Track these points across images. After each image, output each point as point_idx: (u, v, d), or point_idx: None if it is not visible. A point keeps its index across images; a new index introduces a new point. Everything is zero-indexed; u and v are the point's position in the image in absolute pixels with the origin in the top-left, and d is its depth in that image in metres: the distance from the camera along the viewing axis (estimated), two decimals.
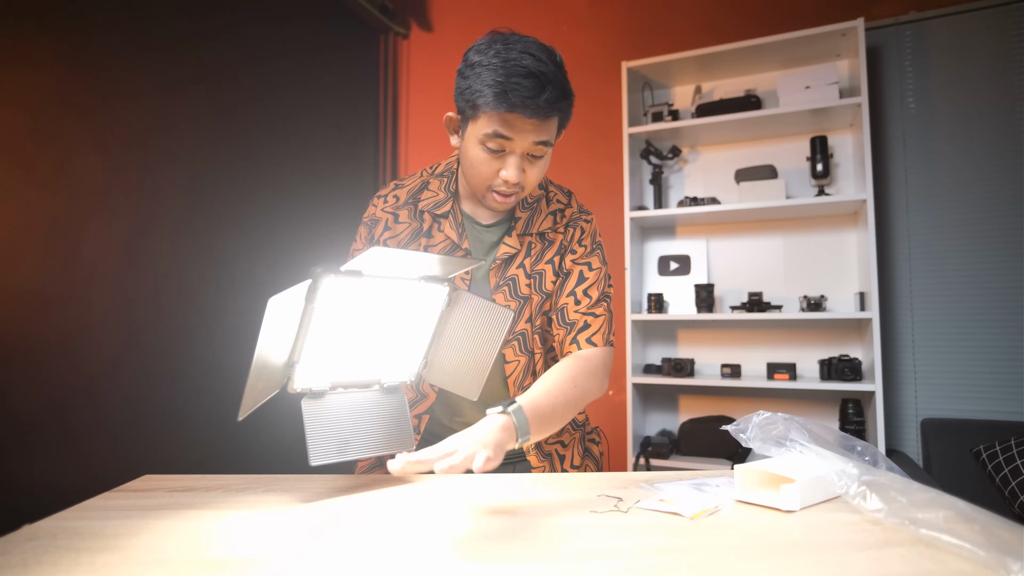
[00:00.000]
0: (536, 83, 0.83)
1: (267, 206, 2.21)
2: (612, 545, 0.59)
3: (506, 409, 0.78)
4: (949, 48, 2.25)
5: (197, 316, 1.90)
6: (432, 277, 0.82)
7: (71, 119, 1.58)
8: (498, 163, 0.90)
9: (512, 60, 0.84)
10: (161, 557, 0.57)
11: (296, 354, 0.74)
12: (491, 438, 0.72)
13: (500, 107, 0.84)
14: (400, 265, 0.77)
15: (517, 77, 0.83)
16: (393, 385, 0.87)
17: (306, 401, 0.77)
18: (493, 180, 0.92)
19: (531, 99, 0.83)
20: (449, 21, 3.08)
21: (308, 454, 0.75)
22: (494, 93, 0.83)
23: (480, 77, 0.85)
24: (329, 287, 0.71)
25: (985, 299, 2.15)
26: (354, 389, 0.83)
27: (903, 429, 2.23)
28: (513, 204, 0.95)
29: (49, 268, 1.52)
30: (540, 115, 0.85)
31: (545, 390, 0.87)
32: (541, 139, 0.88)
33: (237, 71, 2.12)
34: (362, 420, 0.82)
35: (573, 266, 1.03)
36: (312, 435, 0.76)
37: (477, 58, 0.87)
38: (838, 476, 0.69)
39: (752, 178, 2.36)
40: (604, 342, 0.99)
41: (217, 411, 1.92)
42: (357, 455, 0.80)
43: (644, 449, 2.31)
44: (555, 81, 0.85)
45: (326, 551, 0.59)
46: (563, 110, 0.89)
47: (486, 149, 0.89)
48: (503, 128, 0.86)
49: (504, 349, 1.01)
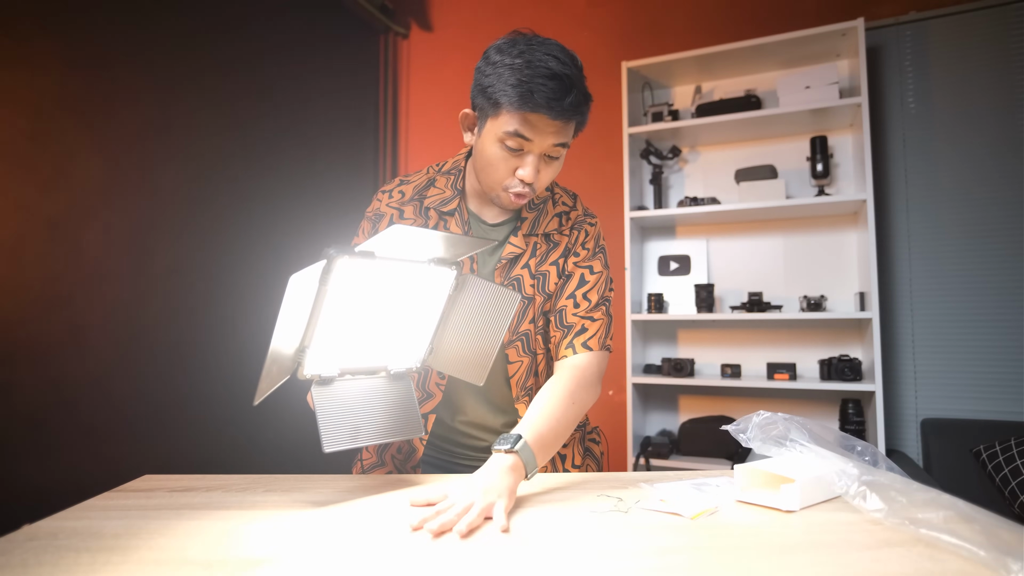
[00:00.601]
0: (561, 85, 0.84)
1: (268, 206, 2.21)
2: (612, 545, 0.59)
3: (513, 448, 0.78)
4: (949, 48, 2.25)
5: (197, 316, 1.90)
6: (441, 260, 0.83)
7: (71, 119, 1.58)
8: (516, 162, 0.90)
9: (537, 61, 0.84)
10: (161, 557, 0.57)
11: (308, 339, 0.74)
12: (502, 487, 0.72)
13: (524, 107, 0.84)
14: (414, 245, 0.77)
15: (542, 78, 0.83)
16: (399, 372, 0.87)
17: (316, 388, 0.77)
18: (508, 179, 0.92)
19: (556, 101, 0.83)
20: (449, 21, 3.08)
21: (321, 442, 0.74)
22: (519, 93, 0.83)
23: (502, 76, 0.85)
24: (342, 269, 0.71)
25: (985, 299, 2.15)
26: (361, 376, 0.83)
27: (903, 429, 2.23)
28: (524, 203, 0.96)
29: (49, 268, 1.52)
30: (564, 117, 0.85)
31: (546, 415, 0.86)
32: (560, 141, 0.89)
33: (237, 71, 2.12)
34: (371, 407, 0.82)
35: (575, 269, 1.03)
36: (324, 423, 0.75)
37: (499, 56, 0.87)
38: (838, 476, 0.69)
39: (752, 178, 2.36)
40: (600, 347, 0.99)
41: (218, 411, 1.92)
42: (369, 441, 0.80)
43: (644, 449, 2.31)
44: (579, 85, 0.86)
45: (326, 551, 0.59)
46: (583, 114, 0.89)
47: (504, 147, 0.89)
48: (524, 128, 0.86)
49: (507, 350, 1.01)
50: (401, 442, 1.06)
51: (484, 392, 1.03)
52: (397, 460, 1.07)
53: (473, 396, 1.03)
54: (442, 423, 1.06)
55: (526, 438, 0.80)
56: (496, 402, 1.04)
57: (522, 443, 0.78)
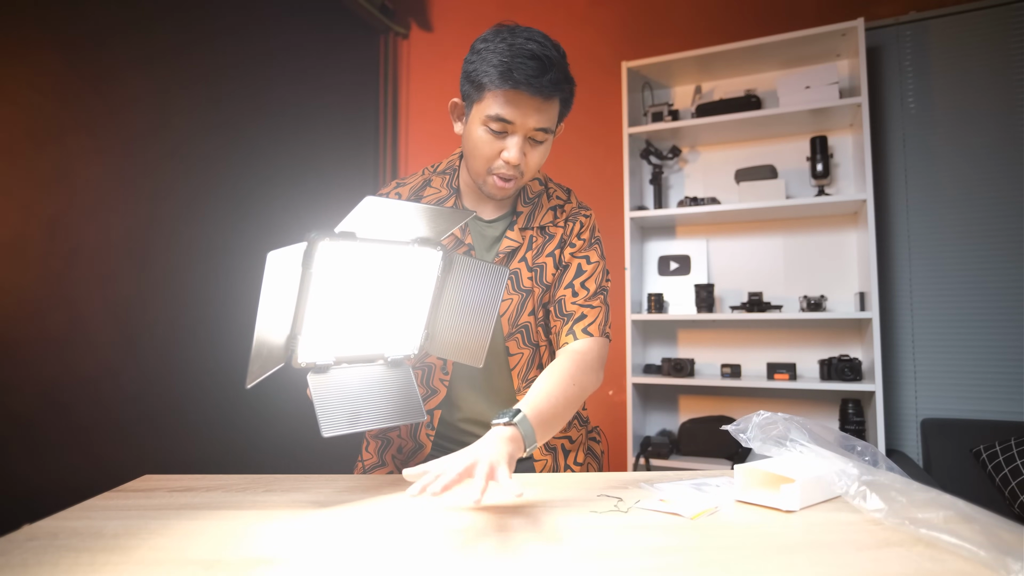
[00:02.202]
0: (540, 64, 0.86)
1: (267, 206, 2.21)
2: (612, 545, 0.59)
3: (512, 420, 0.78)
4: (949, 48, 2.25)
5: (197, 316, 1.90)
6: (425, 239, 0.82)
7: (71, 119, 1.58)
8: (500, 144, 0.91)
9: (518, 44, 0.87)
10: (161, 557, 0.57)
11: (298, 326, 0.74)
12: (501, 451, 0.72)
13: (505, 84, 0.86)
14: (393, 220, 0.76)
15: (522, 58, 0.86)
16: (398, 359, 0.86)
17: (312, 375, 0.77)
18: (494, 162, 0.93)
19: (535, 78, 0.86)
20: (449, 21, 3.08)
21: (320, 427, 0.73)
22: (499, 72, 0.86)
23: (485, 59, 0.88)
24: (325, 251, 0.71)
25: (985, 299, 2.15)
26: (359, 364, 0.83)
27: (903, 429, 2.23)
28: (512, 191, 0.96)
29: (49, 268, 1.52)
30: (543, 94, 0.87)
31: (546, 392, 0.87)
32: (542, 125, 0.90)
33: (237, 71, 2.12)
34: (370, 392, 0.81)
35: (572, 259, 1.04)
36: (321, 407, 0.75)
37: (483, 45, 0.90)
38: (838, 476, 0.69)
39: (752, 178, 2.36)
40: (600, 333, 1.00)
41: (217, 411, 1.92)
42: (369, 426, 0.79)
43: (644, 449, 2.31)
44: (558, 65, 0.88)
45: (326, 551, 0.59)
46: (564, 92, 0.91)
47: (489, 130, 0.90)
48: (507, 108, 0.88)
49: (508, 342, 1.02)
50: (402, 442, 1.06)
51: (486, 386, 1.03)
52: (398, 460, 1.07)
53: (475, 391, 1.04)
54: (444, 421, 1.06)
55: (525, 412, 0.80)
56: (498, 396, 1.04)
57: (521, 416, 0.79)
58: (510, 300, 1.01)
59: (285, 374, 0.81)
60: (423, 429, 1.03)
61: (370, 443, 1.10)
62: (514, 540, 0.61)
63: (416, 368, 1.02)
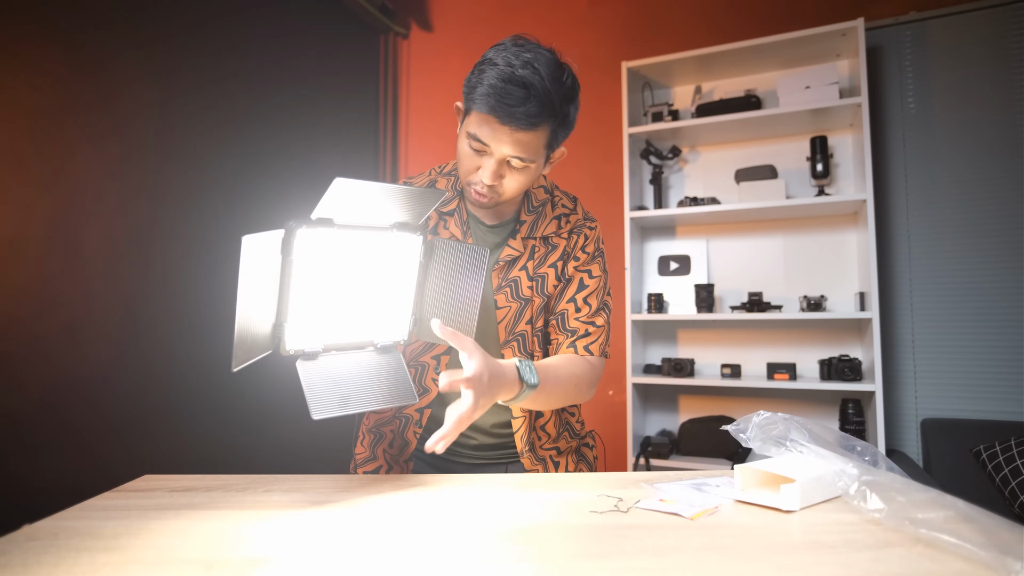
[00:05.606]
0: (524, 95, 0.83)
1: (267, 206, 2.21)
2: (612, 545, 0.59)
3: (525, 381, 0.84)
4: (949, 48, 2.25)
5: (197, 316, 1.90)
6: (404, 224, 0.82)
7: (71, 119, 1.58)
8: (479, 161, 0.91)
9: (514, 67, 0.84)
10: (161, 557, 0.57)
11: (283, 314, 0.73)
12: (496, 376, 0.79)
13: (482, 107, 0.85)
14: (369, 204, 0.76)
15: (510, 84, 0.83)
16: (387, 345, 0.86)
17: (301, 362, 0.76)
18: (472, 176, 0.92)
19: (510, 107, 0.83)
20: (449, 21, 3.08)
21: (309, 410, 0.73)
22: (480, 94, 0.85)
23: (483, 75, 0.86)
24: (304, 239, 0.71)
25: (985, 299, 2.15)
26: (348, 351, 0.82)
27: (903, 429, 2.23)
28: (489, 204, 0.95)
29: (49, 268, 1.52)
30: (514, 124, 0.84)
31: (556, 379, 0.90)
32: (517, 154, 0.87)
33: (237, 71, 2.12)
34: (360, 377, 0.81)
35: (575, 273, 1.04)
36: (310, 391, 0.74)
37: (491, 55, 0.88)
38: (838, 476, 0.69)
39: (752, 178, 2.36)
40: (600, 352, 1.02)
41: (217, 411, 1.92)
42: (359, 408, 0.79)
43: (644, 449, 2.31)
44: (543, 97, 0.84)
45: (326, 551, 0.59)
46: (541, 127, 0.86)
47: (470, 146, 0.90)
48: (480, 129, 0.87)
49: (503, 350, 1.01)
50: (393, 437, 1.06)
51: None
52: (389, 455, 1.07)
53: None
54: (433, 419, 1.06)
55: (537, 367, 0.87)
56: None
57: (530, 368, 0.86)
58: (508, 308, 1.01)
59: (283, 374, 0.81)
60: (411, 427, 1.04)
61: (365, 437, 1.11)
62: (514, 540, 0.61)
63: (410, 367, 1.02)
